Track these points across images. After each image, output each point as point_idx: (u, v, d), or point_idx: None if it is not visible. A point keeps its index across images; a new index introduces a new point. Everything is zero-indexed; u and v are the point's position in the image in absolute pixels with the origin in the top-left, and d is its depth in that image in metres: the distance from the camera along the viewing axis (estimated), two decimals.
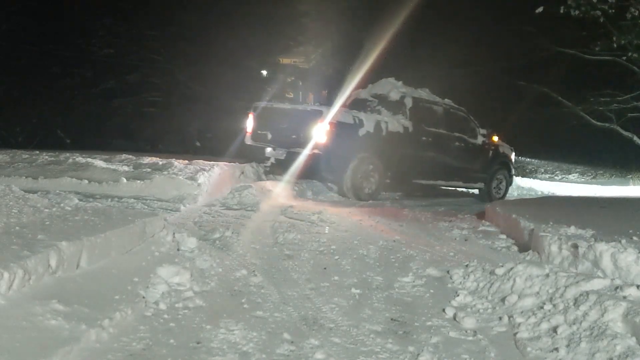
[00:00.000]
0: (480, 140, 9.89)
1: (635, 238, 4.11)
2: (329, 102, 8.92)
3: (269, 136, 8.15)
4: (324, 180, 8.28)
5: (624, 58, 13.16)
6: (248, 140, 8.51)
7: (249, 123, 8.49)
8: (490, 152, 10.22)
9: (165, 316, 2.60)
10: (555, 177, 20.74)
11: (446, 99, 9.69)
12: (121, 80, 15.08)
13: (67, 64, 14.76)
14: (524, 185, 17.72)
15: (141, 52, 14.94)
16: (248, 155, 8.65)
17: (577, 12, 11.53)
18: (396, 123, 8.42)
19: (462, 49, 17.00)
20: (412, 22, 16.67)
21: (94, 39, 14.75)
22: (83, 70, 15.26)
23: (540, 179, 18.95)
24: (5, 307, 2.14)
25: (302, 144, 7.60)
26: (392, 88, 9.02)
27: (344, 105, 8.58)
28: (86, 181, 6.49)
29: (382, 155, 8.14)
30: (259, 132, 8.28)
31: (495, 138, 10.21)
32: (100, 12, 14.57)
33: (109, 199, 5.87)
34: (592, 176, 21.23)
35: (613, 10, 11.40)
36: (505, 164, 10.65)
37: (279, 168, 8.12)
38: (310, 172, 7.91)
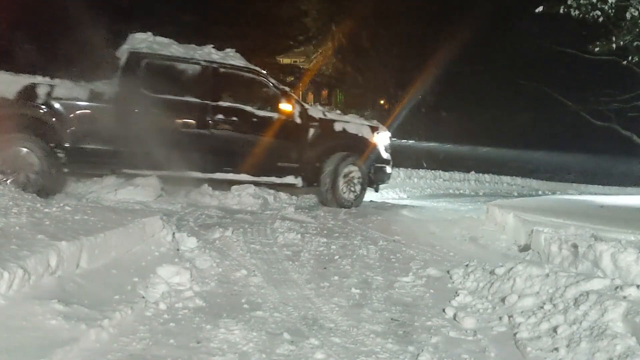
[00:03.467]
0: (286, 114, 6.84)
1: (635, 238, 4.11)
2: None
3: None
4: None
5: (625, 63, 13.16)
6: None
7: None
8: (311, 131, 6.96)
9: (165, 316, 2.60)
10: (555, 177, 20.74)
11: (231, 56, 6.91)
12: None
13: None
14: (524, 185, 17.78)
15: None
16: None
17: (577, 12, 11.54)
18: (71, 86, 6.01)
19: (463, 48, 17.03)
20: (413, 23, 16.70)
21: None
22: None
23: (540, 178, 18.96)
24: (5, 307, 2.13)
25: None
26: (124, 45, 6.61)
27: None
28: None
29: (47, 132, 5.81)
30: None
31: (285, 106, 6.82)
32: None
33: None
34: (591, 176, 21.23)
35: (613, 11, 11.42)
36: (357, 149, 7.19)
37: None
38: None
